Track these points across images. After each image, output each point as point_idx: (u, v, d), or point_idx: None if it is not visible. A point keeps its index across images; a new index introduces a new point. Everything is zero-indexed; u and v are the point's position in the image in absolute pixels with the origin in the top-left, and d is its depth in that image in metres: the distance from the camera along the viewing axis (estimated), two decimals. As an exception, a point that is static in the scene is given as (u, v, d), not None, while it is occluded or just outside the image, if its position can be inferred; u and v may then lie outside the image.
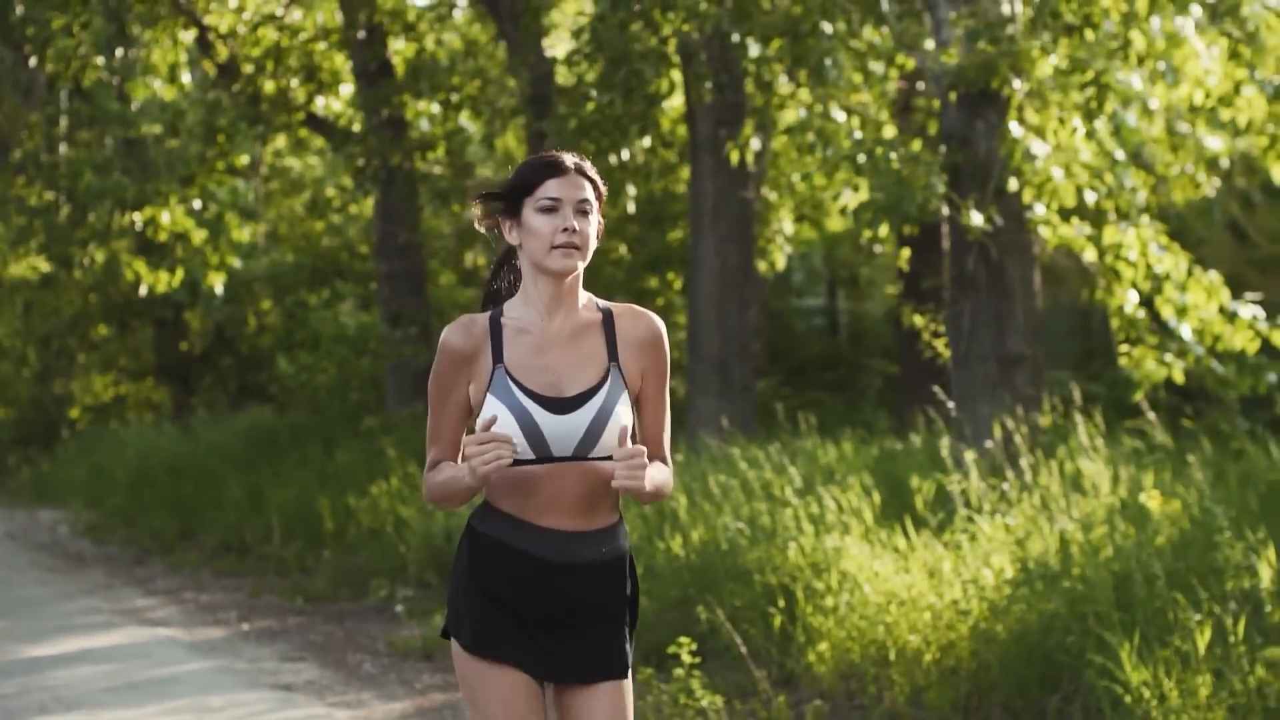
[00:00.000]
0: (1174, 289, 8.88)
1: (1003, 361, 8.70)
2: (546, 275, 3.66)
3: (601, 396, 3.64)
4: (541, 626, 3.64)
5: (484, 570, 3.65)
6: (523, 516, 3.63)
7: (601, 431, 3.61)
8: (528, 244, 3.66)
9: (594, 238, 3.68)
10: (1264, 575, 5.75)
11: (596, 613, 3.67)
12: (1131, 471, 7.43)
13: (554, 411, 3.60)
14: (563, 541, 3.63)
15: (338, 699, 7.51)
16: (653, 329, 3.75)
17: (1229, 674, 5.19)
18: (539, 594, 3.63)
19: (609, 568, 3.68)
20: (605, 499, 3.67)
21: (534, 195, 3.64)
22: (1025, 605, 6.12)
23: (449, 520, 10.33)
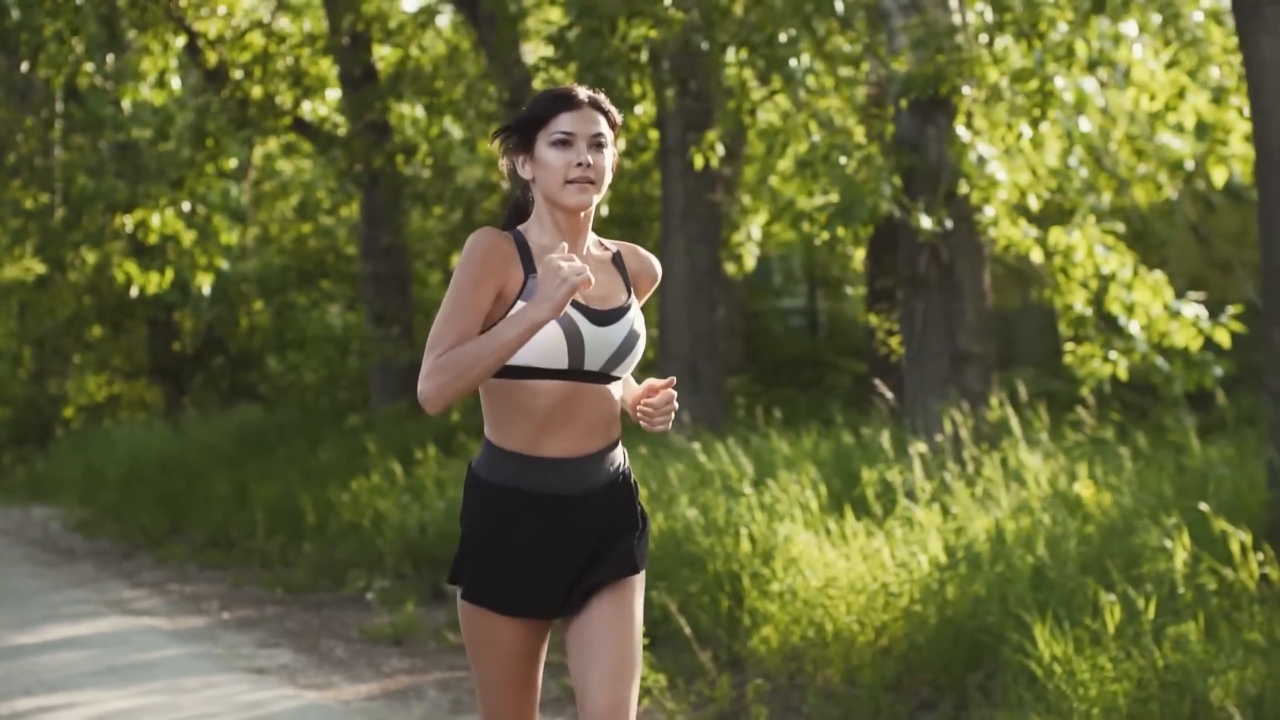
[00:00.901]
0: (1120, 288, 9.19)
1: (953, 359, 9.02)
2: (561, 210, 3.62)
3: (633, 314, 3.67)
4: (556, 564, 3.62)
5: (493, 519, 3.63)
6: (531, 451, 3.59)
7: (632, 349, 3.63)
8: (541, 178, 3.61)
9: (609, 171, 3.65)
10: (1177, 558, 6.06)
11: (610, 530, 3.66)
12: (1066, 463, 7.74)
13: (595, 322, 3.58)
14: (575, 470, 3.61)
15: (308, 681, 7.82)
16: (654, 272, 3.80)
17: (1135, 651, 5.50)
18: (554, 531, 3.62)
19: (618, 485, 3.69)
20: (613, 420, 3.67)
21: (547, 129, 3.60)
22: (954, 589, 6.43)
23: (423, 513, 10.65)
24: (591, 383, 3.60)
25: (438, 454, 12.14)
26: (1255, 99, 7.23)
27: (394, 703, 7.30)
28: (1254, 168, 7.32)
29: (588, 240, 3.71)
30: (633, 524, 3.70)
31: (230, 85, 14.84)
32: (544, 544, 3.62)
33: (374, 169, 13.87)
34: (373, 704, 7.29)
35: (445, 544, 10.35)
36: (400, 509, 10.84)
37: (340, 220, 19.24)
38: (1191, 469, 7.56)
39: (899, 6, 9.00)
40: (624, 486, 3.71)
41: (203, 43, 15.03)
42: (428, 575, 10.31)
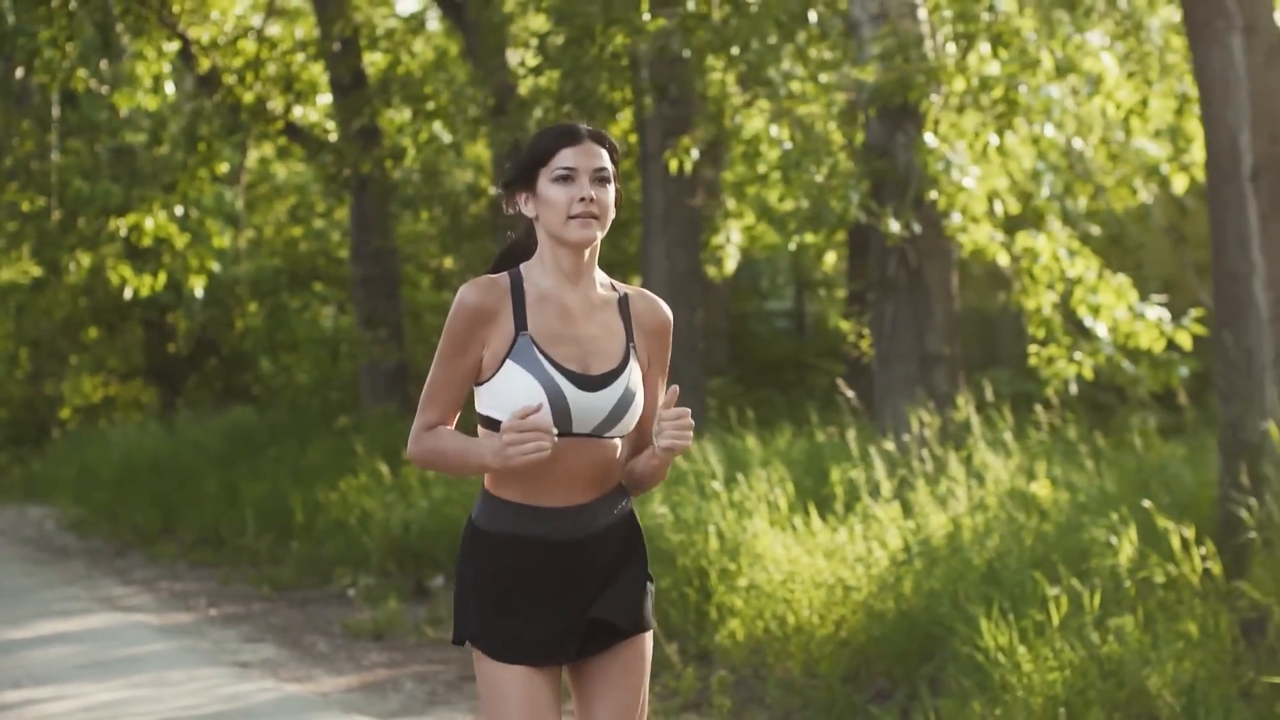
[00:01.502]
0: (1085, 291, 9.40)
1: (922, 360, 9.23)
2: (565, 247, 3.57)
3: (626, 377, 3.57)
4: (562, 607, 3.56)
5: (496, 569, 3.57)
6: (531, 501, 3.55)
7: (625, 413, 3.55)
8: (544, 215, 3.56)
9: (612, 207, 3.60)
10: (1122, 554, 6.28)
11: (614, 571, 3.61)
12: (1026, 462, 7.96)
13: (582, 389, 3.52)
14: (575, 517, 3.56)
15: (290, 675, 8.04)
16: (664, 318, 3.69)
17: (1077, 642, 5.72)
18: (558, 575, 3.56)
19: (621, 526, 3.64)
20: (611, 473, 3.61)
21: (549, 165, 3.56)
22: (910, 583, 6.65)
23: (407, 512, 10.87)
24: (590, 438, 3.55)
25: (424, 454, 12.33)
26: (1206, 108, 7.46)
27: (371, 695, 7.52)
28: (1205, 175, 7.54)
29: (594, 279, 3.63)
30: (638, 572, 3.64)
31: (222, 90, 15.05)
32: (544, 588, 3.56)
33: (363, 174, 14.09)
34: (350, 696, 7.51)
35: (427, 541, 10.57)
36: (385, 508, 11.06)
37: (333, 223, 19.46)
38: (1147, 468, 7.77)
39: (869, 17, 9.22)
40: (626, 529, 3.65)
41: (196, 48, 15.23)
42: (410, 572, 10.53)
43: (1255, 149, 7.32)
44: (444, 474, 3.76)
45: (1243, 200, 7.33)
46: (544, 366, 3.50)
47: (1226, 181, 7.38)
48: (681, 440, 3.48)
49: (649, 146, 11.71)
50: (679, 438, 3.47)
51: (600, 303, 3.63)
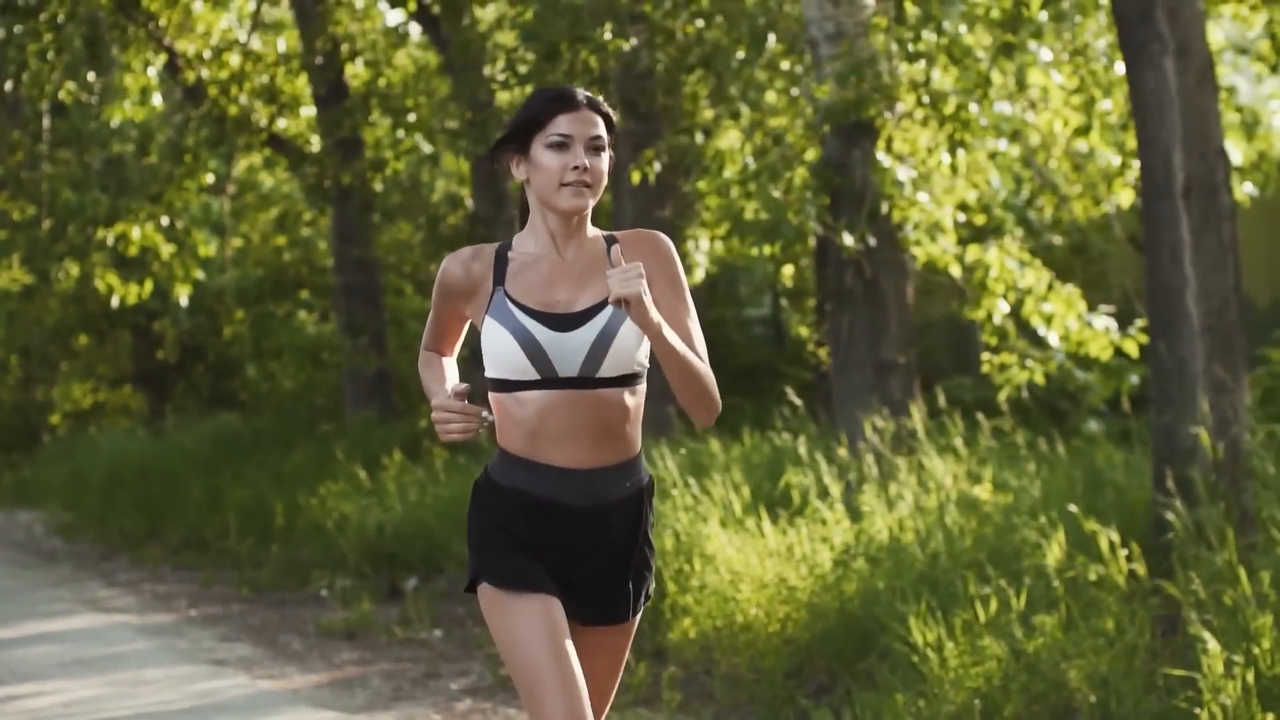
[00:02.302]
0: (1036, 301, 9.72)
1: (877, 368, 9.53)
2: (554, 212, 3.56)
3: (606, 314, 3.53)
4: (564, 567, 3.59)
5: (506, 518, 3.58)
6: (538, 458, 3.55)
7: (607, 348, 3.51)
8: (536, 181, 3.55)
9: (606, 175, 3.57)
10: (1051, 554, 6.58)
11: (617, 549, 3.61)
12: (974, 467, 8.27)
13: (555, 329, 3.51)
14: (585, 482, 3.55)
15: (263, 672, 8.35)
16: (654, 242, 3.65)
17: (1000, 637, 6.02)
18: (563, 538, 3.58)
19: (631, 503, 3.61)
20: (624, 431, 3.58)
21: (544, 131, 3.53)
22: (852, 583, 6.96)
23: (382, 515, 11.17)
24: (585, 389, 3.53)
25: (403, 459, 12.64)
26: (1140, 128, 7.76)
27: (339, 691, 7.82)
28: (1140, 191, 7.84)
29: (583, 239, 3.61)
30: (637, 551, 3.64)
31: (208, 103, 15.35)
32: (550, 546, 3.58)
33: (344, 185, 14.39)
34: (319, 692, 7.81)
35: (401, 544, 10.87)
36: (361, 512, 11.36)
37: (319, 232, 19.75)
38: (1090, 472, 8.08)
39: (825, 36, 9.52)
40: (636, 505, 3.64)
41: (182, 61, 15.53)
42: (385, 574, 10.83)
43: (1187, 167, 7.61)
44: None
45: (1175, 216, 7.63)
46: (514, 315, 3.53)
47: (1160, 198, 7.68)
48: (629, 287, 3.39)
49: (619, 158, 12.01)
50: (625, 285, 3.39)
51: (590, 261, 3.61)
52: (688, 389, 3.58)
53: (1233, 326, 7.67)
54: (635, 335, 3.54)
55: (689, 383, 3.57)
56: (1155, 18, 7.63)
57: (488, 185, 13.84)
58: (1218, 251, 7.66)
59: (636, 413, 3.61)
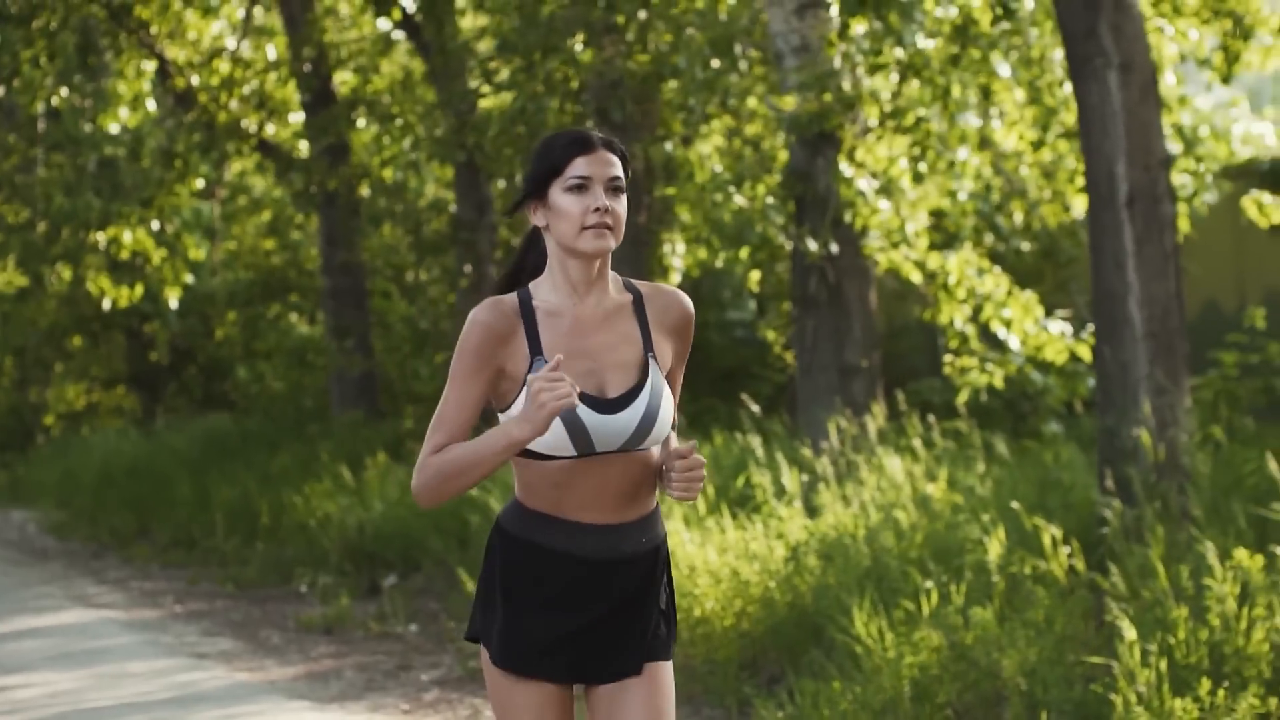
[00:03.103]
0: (995, 307, 10.02)
1: (841, 371, 9.84)
2: (577, 258, 3.47)
3: (646, 393, 3.46)
4: (578, 626, 3.50)
5: (516, 576, 3.50)
6: (560, 514, 3.47)
7: (651, 428, 3.45)
8: (556, 226, 3.47)
9: (625, 217, 3.49)
10: (993, 550, 6.88)
11: (634, 605, 3.53)
12: (930, 467, 8.57)
13: (600, 411, 3.42)
14: (603, 537, 3.47)
15: (242, 665, 8.64)
16: (685, 313, 3.59)
17: (939, 629, 6.31)
18: (577, 594, 3.49)
19: (648, 557, 3.54)
20: (646, 487, 3.51)
21: (562, 175, 3.46)
22: (803, 578, 7.25)
23: (365, 514, 11.46)
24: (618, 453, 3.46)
25: (387, 460, 12.93)
26: (1085, 140, 8.06)
27: (314, 682, 8.12)
28: (1086, 201, 8.14)
29: (605, 287, 3.53)
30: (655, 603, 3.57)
31: (198, 109, 15.65)
32: (562, 603, 3.50)
33: (330, 190, 14.68)
34: (295, 683, 8.11)
35: (381, 543, 11.16)
36: (343, 510, 11.66)
37: (309, 236, 20.06)
38: (1043, 471, 8.38)
39: (790, 49, 9.82)
40: (653, 559, 3.56)
41: (173, 68, 15.83)
42: (365, 571, 11.12)
43: (1130, 178, 7.91)
44: (455, 493, 3.45)
45: (1119, 225, 7.93)
46: None
47: (1104, 208, 7.98)
48: (691, 493, 3.44)
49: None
50: (688, 490, 3.43)
51: (614, 309, 3.53)
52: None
53: (1174, 332, 7.96)
54: (670, 405, 3.51)
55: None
56: (1099, 33, 7.92)
57: (470, 191, 14.12)
58: (1160, 259, 7.96)
59: (656, 469, 3.54)
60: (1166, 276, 7.97)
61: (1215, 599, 5.70)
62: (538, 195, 3.50)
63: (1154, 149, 7.99)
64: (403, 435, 14.05)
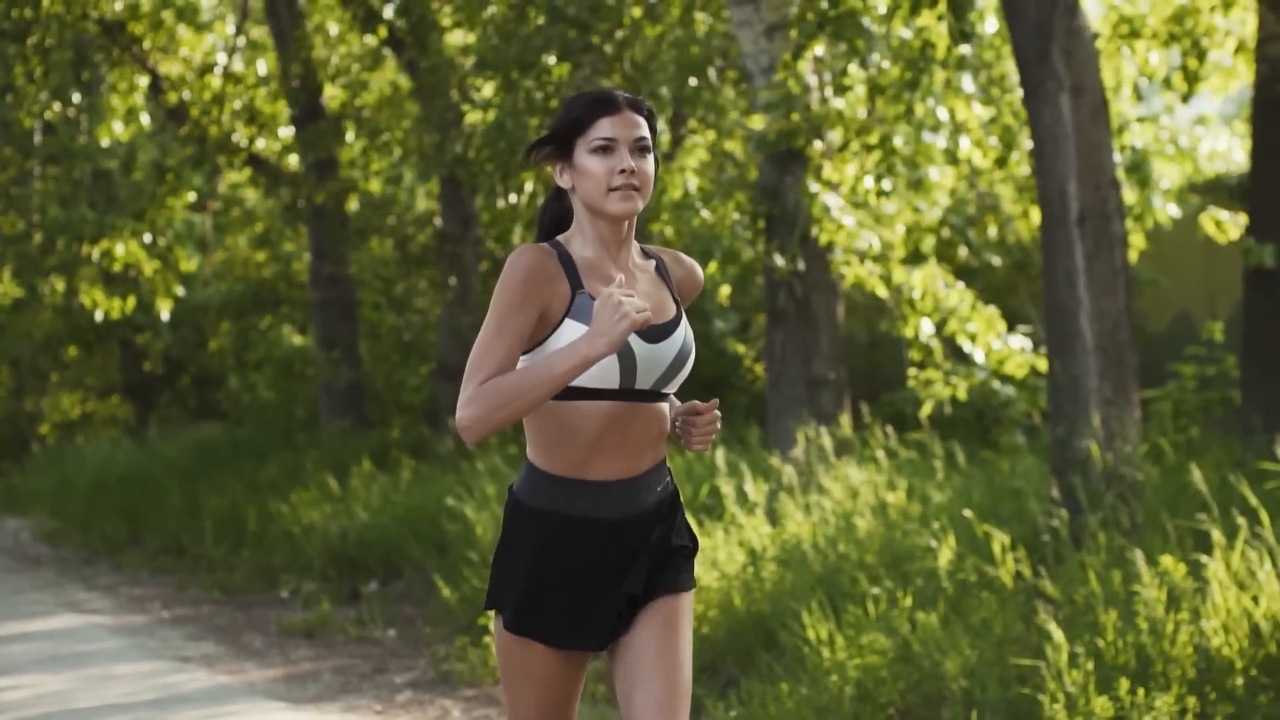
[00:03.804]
0: (959, 321, 10.29)
1: (809, 383, 10.11)
2: (604, 219, 3.48)
3: (683, 330, 3.53)
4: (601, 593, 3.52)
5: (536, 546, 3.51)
6: (576, 474, 3.48)
7: (683, 366, 3.50)
8: (581, 187, 3.47)
9: (653, 177, 3.50)
10: (943, 557, 7.15)
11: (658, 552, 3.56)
12: (891, 477, 8.85)
13: (647, 339, 3.45)
14: (622, 493, 3.49)
15: (224, 668, 8.91)
16: (697, 278, 3.70)
17: (885, 632, 6.59)
18: (600, 557, 3.51)
19: (665, 505, 3.57)
20: (661, 438, 3.56)
21: (586, 135, 3.45)
22: (761, 584, 7.52)
23: (348, 522, 11.74)
24: (642, 401, 3.48)
25: (371, 468, 13.20)
26: (1038, 160, 8.33)
27: (292, 684, 8.39)
28: (1040, 220, 8.41)
29: (631, 248, 3.59)
30: (680, 544, 3.61)
31: (190, 123, 15.94)
32: (590, 571, 3.51)
33: (318, 204, 14.97)
34: (274, 685, 8.38)
35: (363, 550, 11.43)
36: (326, 518, 11.93)
37: (301, 247, 20.35)
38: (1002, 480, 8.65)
39: (760, 69, 10.10)
40: (670, 506, 3.60)
41: (165, 83, 16.12)
42: (347, 578, 11.39)
43: (1081, 197, 8.19)
44: (509, 420, 3.36)
45: (1070, 243, 8.20)
46: None
47: (1057, 226, 8.25)
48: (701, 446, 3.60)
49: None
50: (704, 442, 3.58)
51: (640, 269, 3.58)
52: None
53: (1124, 346, 8.23)
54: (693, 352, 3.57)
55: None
56: (1051, 58, 8.20)
57: (455, 205, 14.40)
58: (1110, 276, 8.23)
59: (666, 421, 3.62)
60: (1116, 292, 8.24)
61: (1143, 604, 5.97)
62: (563, 156, 3.49)
63: (1104, 169, 8.26)
64: (389, 444, 14.33)
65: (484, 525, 9.76)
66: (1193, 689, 5.71)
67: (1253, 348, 10.42)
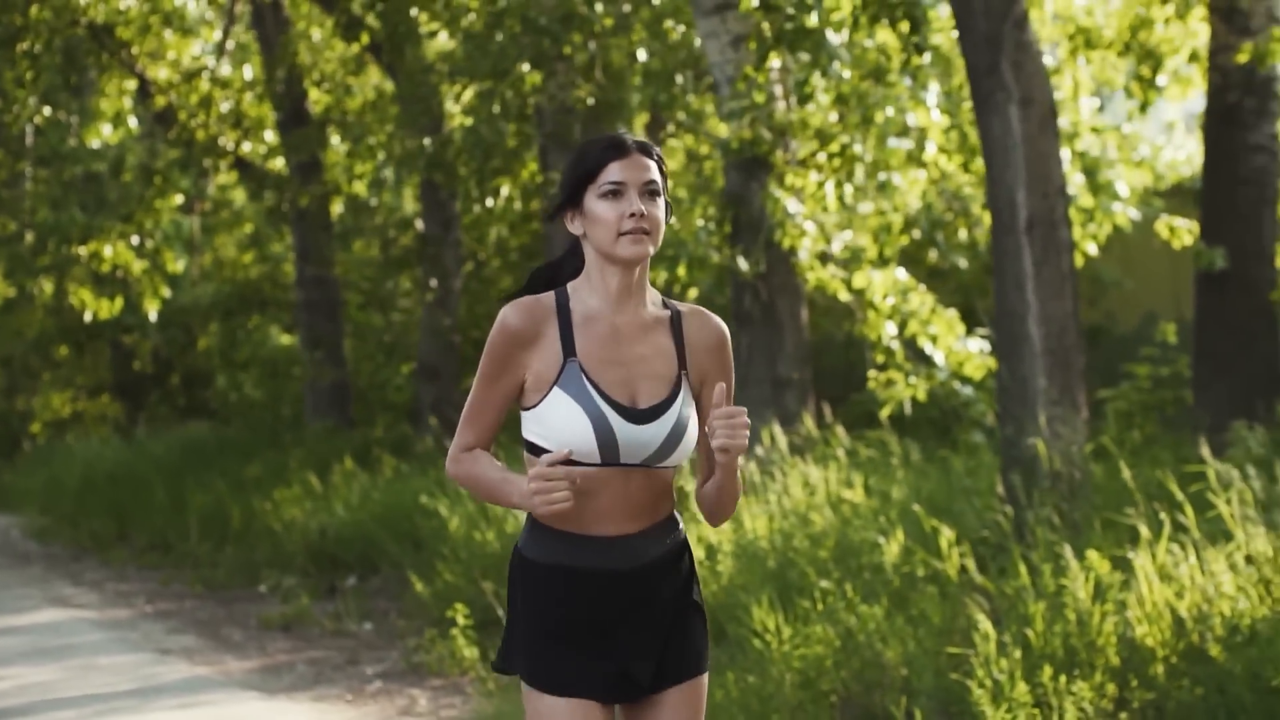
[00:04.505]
0: (920, 323, 10.58)
1: (774, 384, 10.41)
2: (615, 264, 3.43)
3: (676, 408, 3.43)
4: (615, 644, 3.46)
5: (544, 602, 3.45)
6: (580, 530, 3.42)
7: (676, 444, 3.42)
8: (593, 233, 3.43)
9: (663, 221, 3.47)
10: (890, 551, 7.44)
11: (667, 608, 3.50)
12: (848, 474, 9.14)
13: (631, 421, 3.39)
14: (625, 546, 3.44)
15: (203, 660, 9.21)
16: (719, 334, 3.54)
17: (832, 624, 6.88)
18: (609, 607, 3.45)
19: (674, 558, 3.51)
20: (665, 499, 3.49)
21: (596, 181, 3.42)
22: (718, 578, 7.82)
23: (327, 519, 12.03)
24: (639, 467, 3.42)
25: (353, 467, 13.49)
26: (989, 169, 8.62)
27: (268, 674, 8.69)
28: (990, 226, 8.70)
29: (646, 294, 3.51)
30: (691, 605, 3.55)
31: (178, 127, 16.22)
32: (595, 619, 3.45)
33: (302, 207, 15.26)
34: (250, 676, 8.67)
35: (342, 546, 11.73)
36: (306, 515, 12.23)
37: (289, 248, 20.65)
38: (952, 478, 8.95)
39: (726, 78, 10.39)
40: (679, 561, 3.53)
41: (154, 88, 16.40)
42: (326, 573, 11.69)
43: (1030, 205, 8.47)
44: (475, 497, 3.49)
45: (1019, 249, 8.49)
46: (592, 397, 3.39)
47: (1006, 233, 8.54)
48: (735, 440, 3.33)
49: (551, 187, 12.88)
50: (733, 437, 3.33)
51: (651, 322, 3.49)
52: (723, 511, 3.58)
53: (1071, 348, 8.52)
54: (695, 428, 3.47)
55: (728, 507, 3.57)
56: (1001, 70, 8.49)
57: (436, 208, 14.69)
58: (1058, 281, 8.52)
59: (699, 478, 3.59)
60: (1063, 297, 8.53)
61: (1071, 596, 6.26)
62: (573, 203, 3.47)
63: (1052, 178, 8.55)
64: (369, 443, 14.62)
65: (457, 521, 10.05)
66: (1115, 677, 6.00)
67: (1204, 349, 10.74)
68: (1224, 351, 10.53)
